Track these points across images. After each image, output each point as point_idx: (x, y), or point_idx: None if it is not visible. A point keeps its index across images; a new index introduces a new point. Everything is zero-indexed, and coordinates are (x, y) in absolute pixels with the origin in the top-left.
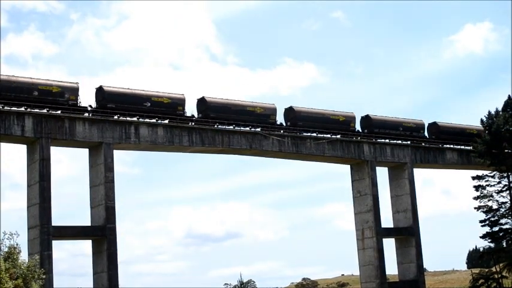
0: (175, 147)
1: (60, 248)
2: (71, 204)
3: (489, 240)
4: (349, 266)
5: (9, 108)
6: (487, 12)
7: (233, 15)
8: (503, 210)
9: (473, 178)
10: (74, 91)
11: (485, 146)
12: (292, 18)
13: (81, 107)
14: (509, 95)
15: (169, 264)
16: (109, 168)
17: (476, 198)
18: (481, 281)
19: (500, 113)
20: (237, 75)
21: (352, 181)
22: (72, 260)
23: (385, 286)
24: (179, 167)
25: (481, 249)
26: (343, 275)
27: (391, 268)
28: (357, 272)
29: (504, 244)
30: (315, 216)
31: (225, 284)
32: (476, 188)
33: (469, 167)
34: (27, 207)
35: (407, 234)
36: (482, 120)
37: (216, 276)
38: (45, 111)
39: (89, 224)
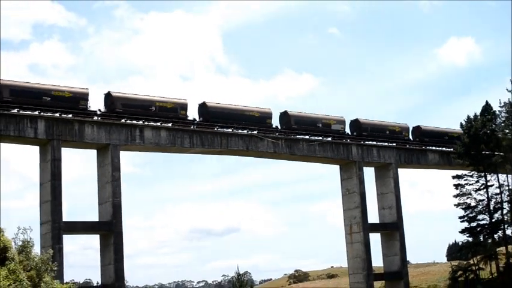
0: (177, 149)
1: (73, 242)
2: (81, 201)
3: (467, 235)
4: (338, 258)
5: (23, 111)
6: (470, 27)
7: (238, 29)
8: (480, 207)
9: (454, 177)
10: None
11: (464, 148)
12: (293, 33)
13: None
14: (486, 101)
15: (172, 257)
16: (116, 168)
17: (456, 196)
18: (460, 272)
19: (478, 117)
20: (241, 85)
21: (341, 180)
22: (83, 253)
23: (371, 277)
24: (183, 167)
25: (460, 243)
26: (332, 267)
27: (377, 260)
28: (345, 264)
29: (481, 238)
30: (307, 213)
31: (223, 275)
32: (456, 186)
33: (450, 167)
34: (40, 204)
35: (392, 229)
36: (461, 124)
37: (215, 268)
38: (57, 114)
39: (97, 220)
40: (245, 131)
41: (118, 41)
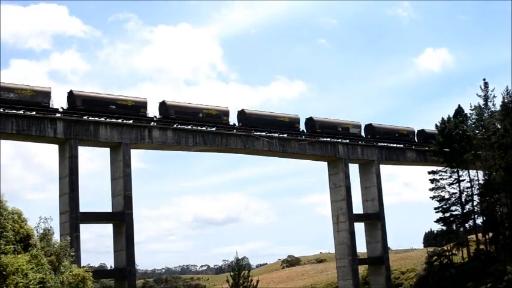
0: (182, 147)
1: (89, 230)
2: (93, 193)
3: (442, 224)
4: (327, 245)
5: (43, 114)
6: (444, 39)
7: (237, 40)
8: (453, 199)
9: (429, 173)
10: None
11: (439, 147)
12: (286, 44)
13: None
14: (459, 105)
15: (178, 244)
16: (127, 164)
17: (431, 189)
18: (435, 257)
19: (452, 119)
20: (239, 90)
21: (329, 175)
22: (98, 240)
23: (356, 262)
24: (187, 163)
25: (435, 231)
26: (321, 252)
27: (361, 247)
28: (333, 250)
29: (454, 227)
30: (299, 204)
31: (223, 260)
32: (432, 181)
33: (426, 163)
34: (59, 196)
35: (375, 219)
36: (436, 125)
37: (216, 254)
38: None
39: (110, 210)
40: (238, 132)
41: (129, 51)
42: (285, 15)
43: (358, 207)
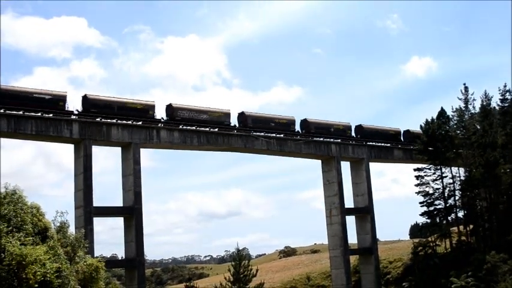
0: (187, 146)
1: (102, 223)
2: (108, 189)
3: (426, 217)
4: (321, 236)
5: (61, 116)
6: (429, 48)
7: (240, 49)
8: (437, 194)
9: (415, 170)
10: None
11: (423, 146)
12: (285, 52)
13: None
14: (441, 107)
15: (183, 236)
16: (137, 162)
17: (417, 185)
18: (420, 248)
19: (435, 120)
20: (242, 94)
21: (322, 172)
22: (110, 232)
23: (348, 252)
24: (193, 162)
25: (420, 223)
26: (315, 243)
27: (352, 238)
28: (326, 242)
29: (437, 220)
30: (295, 199)
31: (225, 251)
32: (417, 177)
33: (412, 161)
34: (75, 192)
35: (365, 212)
36: (421, 126)
37: (219, 245)
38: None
39: (121, 205)
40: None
41: (142, 60)
42: (283, 26)
43: (349, 202)
